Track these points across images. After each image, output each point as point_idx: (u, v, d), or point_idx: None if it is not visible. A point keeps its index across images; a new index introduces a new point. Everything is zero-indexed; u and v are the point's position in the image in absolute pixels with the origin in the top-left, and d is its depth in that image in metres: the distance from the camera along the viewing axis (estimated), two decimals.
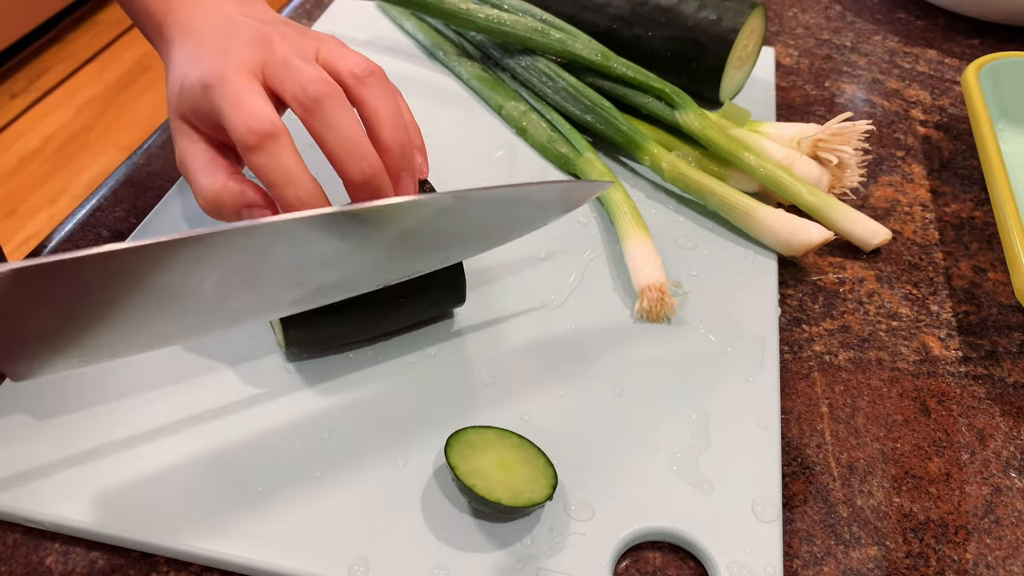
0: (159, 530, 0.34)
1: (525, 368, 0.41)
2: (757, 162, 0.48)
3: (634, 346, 0.42)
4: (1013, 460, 0.39)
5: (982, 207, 0.52)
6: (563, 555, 0.34)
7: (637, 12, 0.56)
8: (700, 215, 0.50)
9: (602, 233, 0.48)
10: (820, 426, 0.40)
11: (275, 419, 0.38)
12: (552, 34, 0.55)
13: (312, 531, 0.34)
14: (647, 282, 0.43)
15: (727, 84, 0.56)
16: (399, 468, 0.36)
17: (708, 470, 0.37)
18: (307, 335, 0.38)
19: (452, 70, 0.61)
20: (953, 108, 0.61)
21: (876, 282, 0.47)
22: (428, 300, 0.40)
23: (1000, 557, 0.35)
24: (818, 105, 0.61)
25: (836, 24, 0.71)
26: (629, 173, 0.53)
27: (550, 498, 0.34)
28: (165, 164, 0.53)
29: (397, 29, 0.66)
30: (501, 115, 0.57)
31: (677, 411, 0.39)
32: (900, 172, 0.55)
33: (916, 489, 0.38)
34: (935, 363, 0.43)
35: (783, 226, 0.46)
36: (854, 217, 0.47)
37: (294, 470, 0.36)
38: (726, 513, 0.35)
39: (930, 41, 0.69)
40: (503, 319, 0.43)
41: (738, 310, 0.44)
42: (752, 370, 0.41)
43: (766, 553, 0.34)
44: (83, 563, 0.34)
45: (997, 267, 0.48)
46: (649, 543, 0.35)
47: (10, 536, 0.35)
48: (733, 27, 0.53)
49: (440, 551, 0.34)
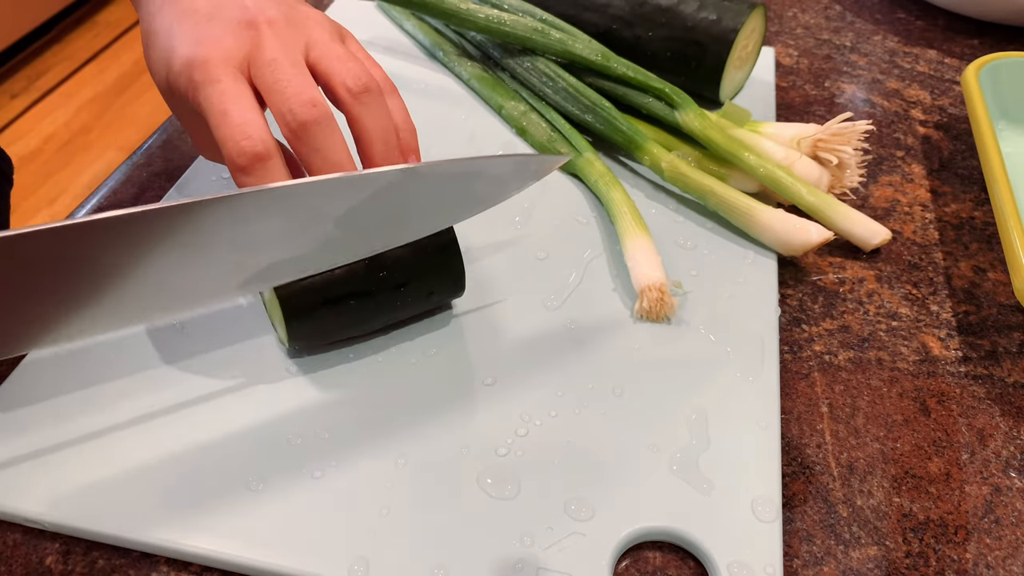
0: (159, 530, 0.34)
1: (525, 368, 0.41)
2: (757, 162, 0.48)
3: (634, 346, 0.42)
4: (1013, 460, 0.39)
5: (982, 207, 0.52)
6: (563, 555, 0.34)
7: (637, 12, 0.56)
8: (700, 215, 0.50)
9: (602, 233, 0.48)
10: (820, 426, 0.40)
11: (275, 418, 0.38)
12: (552, 34, 0.55)
13: (312, 531, 0.34)
14: (647, 282, 0.43)
15: (727, 84, 0.56)
16: (399, 467, 0.36)
17: (708, 470, 0.37)
18: (309, 328, 0.38)
19: (452, 70, 0.61)
20: (953, 108, 0.61)
21: (876, 282, 0.47)
22: (427, 289, 0.40)
23: (1000, 557, 0.35)
24: (818, 105, 0.61)
25: (836, 24, 0.71)
26: (629, 173, 0.53)
27: None
28: (165, 164, 0.53)
29: (397, 29, 0.66)
30: (501, 115, 0.57)
31: (677, 411, 0.39)
32: (900, 172, 0.55)
33: (916, 489, 0.38)
34: (935, 363, 0.43)
35: (783, 226, 0.46)
36: (854, 217, 0.47)
37: (294, 469, 0.36)
38: (726, 513, 0.35)
39: (930, 41, 0.69)
40: (503, 319, 0.43)
41: (738, 310, 0.44)
42: (752, 370, 0.41)
43: (766, 553, 0.34)
44: (83, 563, 0.34)
45: (997, 267, 0.48)
46: (649, 543, 0.35)
47: (10, 536, 0.35)
48: (733, 27, 0.53)
49: (440, 551, 0.34)
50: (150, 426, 0.37)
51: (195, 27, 0.35)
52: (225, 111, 0.33)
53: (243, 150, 0.32)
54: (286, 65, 0.34)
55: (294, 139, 0.34)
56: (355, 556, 0.33)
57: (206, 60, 0.33)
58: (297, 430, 0.38)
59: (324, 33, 0.37)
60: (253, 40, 0.35)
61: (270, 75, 0.34)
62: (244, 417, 0.38)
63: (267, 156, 0.33)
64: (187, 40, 0.34)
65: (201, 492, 0.35)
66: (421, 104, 0.58)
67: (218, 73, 0.33)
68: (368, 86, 0.35)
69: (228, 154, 0.33)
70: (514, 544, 0.34)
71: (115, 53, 2.18)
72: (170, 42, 0.35)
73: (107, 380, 0.39)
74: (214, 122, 0.33)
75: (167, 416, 0.38)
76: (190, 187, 0.50)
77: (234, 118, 0.33)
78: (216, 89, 0.33)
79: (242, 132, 0.32)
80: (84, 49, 2.18)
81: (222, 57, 0.34)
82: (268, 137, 0.33)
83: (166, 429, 0.37)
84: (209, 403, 0.38)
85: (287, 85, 0.34)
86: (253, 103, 0.33)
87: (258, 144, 0.32)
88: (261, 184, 0.32)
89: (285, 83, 0.34)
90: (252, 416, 0.38)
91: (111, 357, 0.40)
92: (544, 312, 0.44)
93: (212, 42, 0.34)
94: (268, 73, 0.34)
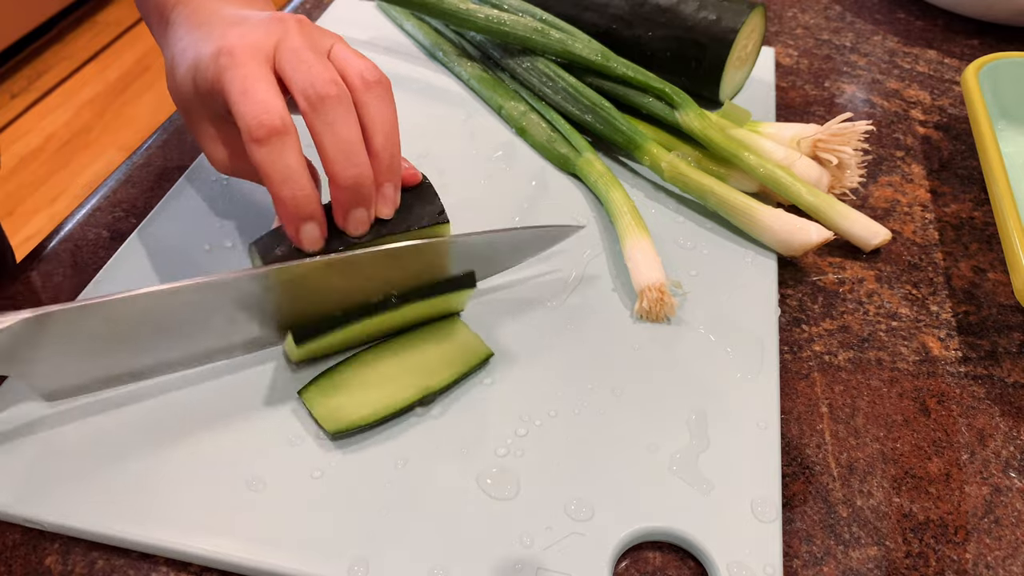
0: (159, 530, 0.34)
1: (524, 368, 0.41)
2: (757, 162, 0.48)
3: (634, 346, 0.42)
4: (1013, 460, 0.39)
5: (982, 207, 0.52)
6: (562, 555, 0.34)
7: (637, 12, 0.56)
8: (700, 215, 0.50)
9: (602, 233, 0.48)
10: (820, 426, 0.40)
11: (274, 419, 0.38)
12: (552, 34, 0.55)
13: (312, 531, 0.34)
14: (647, 282, 0.43)
15: (727, 84, 0.56)
16: (399, 468, 0.36)
17: (708, 470, 0.37)
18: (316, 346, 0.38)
19: (452, 70, 0.61)
20: (953, 108, 0.61)
21: (876, 282, 0.47)
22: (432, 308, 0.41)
23: (1000, 557, 0.35)
24: (818, 105, 0.61)
25: (836, 24, 0.71)
26: (629, 173, 0.53)
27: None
28: (165, 164, 0.53)
29: (397, 29, 0.66)
30: (501, 115, 0.57)
31: (676, 411, 0.39)
32: (900, 172, 0.55)
33: (916, 489, 0.38)
34: (935, 363, 0.43)
35: (783, 226, 0.46)
36: (854, 217, 0.47)
37: (293, 470, 0.36)
38: (726, 513, 0.35)
39: (930, 41, 0.69)
40: (502, 319, 0.43)
41: (737, 310, 0.44)
42: (752, 370, 0.41)
43: (766, 553, 0.34)
44: (83, 563, 0.34)
45: (997, 267, 0.48)
46: (649, 543, 0.35)
47: (10, 536, 0.35)
48: (733, 27, 0.53)
49: (439, 551, 0.34)
50: (149, 426, 0.37)
51: (223, 30, 0.37)
52: (246, 90, 0.34)
53: (262, 123, 0.34)
54: (311, 52, 0.36)
55: (311, 112, 0.35)
56: (355, 556, 0.33)
57: (232, 48, 0.35)
58: (296, 431, 0.38)
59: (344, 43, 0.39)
60: (280, 32, 0.37)
61: (295, 58, 0.36)
62: (243, 418, 0.38)
63: (284, 131, 0.34)
64: (215, 39, 0.36)
65: (200, 492, 0.35)
66: (421, 104, 0.58)
67: (244, 59, 0.35)
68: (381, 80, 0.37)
69: (246, 127, 0.34)
70: (513, 544, 0.34)
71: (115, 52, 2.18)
72: (197, 51, 0.37)
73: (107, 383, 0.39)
74: (234, 100, 0.34)
75: (164, 418, 0.38)
76: (190, 188, 0.50)
77: (255, 95, 0.34)
78: (239, 72, 0.35)
79: (262, 107, 0.34)
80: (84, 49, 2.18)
81: (249, 46, 0.36)
82: (287, 116, 0.34)
83: (162, 431, 0.37)
84: (207, 405, 0.38)
85: (311, 66, 0.35)
86: (275, 87, 0.35)
87: (276, 119, 0.34)
88: (276, 158, 0.34)
89: (309, 64, 0.35)
90: (251, 417, 0.38)
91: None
92: (544, 312, 0.44)
93: (240, 35, 0.36)
94: (293, 56, 0.36)
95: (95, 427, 0.37)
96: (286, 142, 0.34)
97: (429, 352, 0.40)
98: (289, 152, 0.34)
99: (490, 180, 0.52)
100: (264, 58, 0.36)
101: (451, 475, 0.36)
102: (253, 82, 0.34)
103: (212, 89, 0.36)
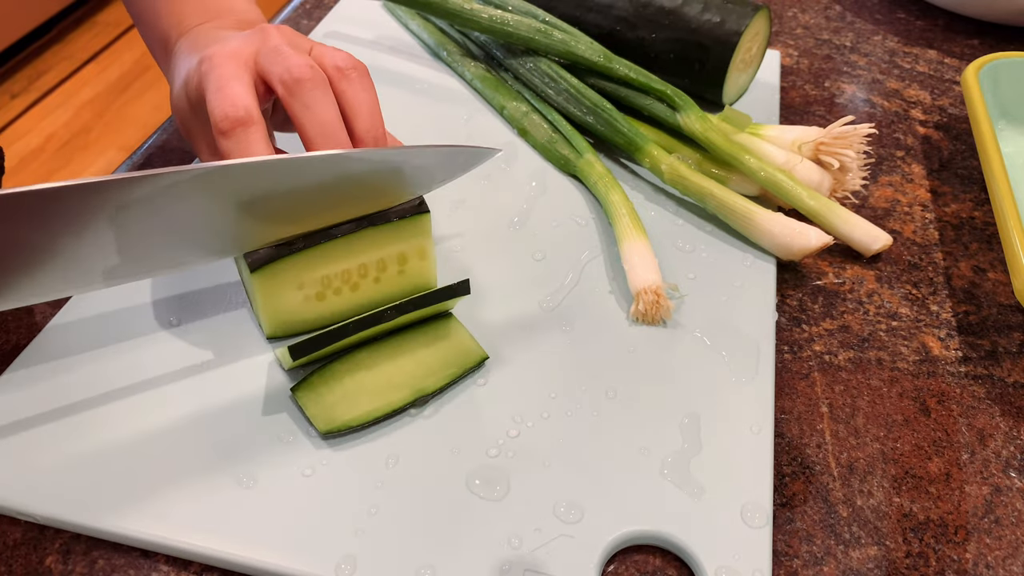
0: (145, 524, 0.34)
1: (519, 369, 0.41)
2: (758, 165, 0.48)
3: (629, 348, 0.42)
4: (1013, 460, 0.39)
5: (982, 207, 0.52)
6: (550, 557, 0.33)
7: (640, 14, 0.56)
8: (699, 218, 0.50)
9: (600, 235, 0.48)
10: (820, 426, 0.40)
11: (266, 418, 0.38)
12: (554, 35, 0.55)
13: (300, 528, 0.34)
14: (643, 285, 0.43)
15: (730, 87, 0.56)
16: (389, 467, 0.36)
17: (699, 474, 0.37)
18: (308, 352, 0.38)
19: (456, 70, 0.61)
20: (953, 108, 0.61)
21: (876, 282, 0.47)
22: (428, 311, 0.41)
23: (1000, 557, 0.35)
24: (818, 105, 0.61)
25: (836, 24, 0.71)
26: (629, 175, 0.53)
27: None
28: (165, 164, 0.53)
29: (402, 29, 0.66)
30: (503, 115, 0.57)
31: (670, 414, 0.39)
32: (900, 172, 0.55)
33: (916, 489, 0.38)
34: (935, 363, 0.43)
35: (782, 230, 0.46)
36: (855, 222, 0.47)
37: (283, 468, 0.36)
38: (716, 518, 0.35)
39: (930, 41, 0.69)
40: (498, 320, 0.43)
41: (734, 314, 0.44)
42: (747, 374, 0.41)
43: (755, 558, 0.34)
44: (83, 563, 0.34)
45: (997, 267, 0.48)
46: (638, 546, 0.35)
47: (10, 536, 0.35)
48: (736, 30, 0.53)
49: (427, 550, 0.33)
50: (143, 427, 0.37)
51: (212, 43, 0.39)
52: (220, 88, 0.35)
53: (227, 115, 0.35)
54: (288, 47, 0.37)
55: (288, 96, 0.36)
56: (343, 554, 0.33)
57: (212, 55, 0.37)
58: (287, 429, 0.38)
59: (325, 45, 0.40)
60: (261, 38, 0.38)
61: (273, 53, 0.37)
62: (234, 416, 0.38)
63: (248, 122, 0.35)
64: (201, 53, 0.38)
65: (191, 488, 0.35)
66: (424, 103, 0.58)
67: (221, 61, 0.36)
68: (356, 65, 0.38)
69: (214, 121, 0.35)
70: (502, 545, 0.34)
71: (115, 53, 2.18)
72: (188, 65, 0.39)
73: (99, 382, 0.39)
74: (209, 98, 0.35)
75: (161, 418, 0.38)
76: None
77: (226, 92, 0.35)
78: (216, 73, 0.36)
79: (230, 101, 0.35)
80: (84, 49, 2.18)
81: (229, 51, 0.37)
82: (254, 108, 0.35)
83: (159, 430, 0.37)
84: (199, 403, 0.38)
85: (287, 57, 0.36)
86: (249, 85, 0.36)
87: (241, 110, 0.35)
88: (242, 151, 0.35)
89: (286, 56, 0.37)
90: (242, 415, 0.38)
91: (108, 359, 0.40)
92: (539, 313, 0.44)
93: (222, 43, 0.38)
94: (271, 52, 0.37)
95: (86, 421, 0.37)
96: (251, 131, 0.35)
97: (424, 354, 0.40)
98: (255, 141, 0.35)
99: (489, 180, 0.52)
100: (242, 61, 0.37)
101: (441, 475, 0.36)
102: (227, 80, 0.35)
103: (199, 96, 0.37)
